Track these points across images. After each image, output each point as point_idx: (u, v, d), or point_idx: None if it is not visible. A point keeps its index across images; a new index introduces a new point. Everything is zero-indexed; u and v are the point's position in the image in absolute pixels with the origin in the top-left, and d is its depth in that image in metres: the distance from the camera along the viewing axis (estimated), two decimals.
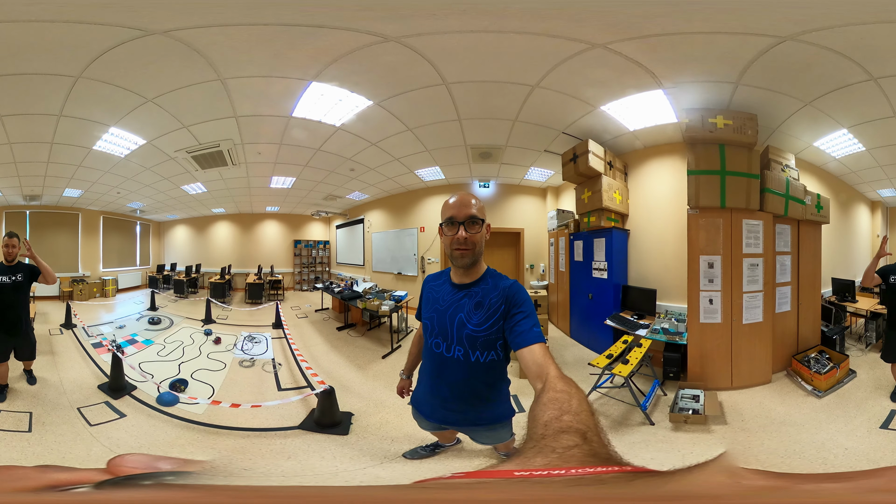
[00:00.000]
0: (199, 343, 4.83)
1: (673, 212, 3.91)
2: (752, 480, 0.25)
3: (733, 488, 0.24)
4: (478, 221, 1.18)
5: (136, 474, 0.30)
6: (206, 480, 0.31)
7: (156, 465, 0.32)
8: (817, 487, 0.26)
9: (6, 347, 2.94)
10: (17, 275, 2.87)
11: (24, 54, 2.58)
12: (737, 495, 0.24)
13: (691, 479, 0.25)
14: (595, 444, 0.40)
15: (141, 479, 0.29)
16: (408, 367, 1.68)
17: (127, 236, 10.02)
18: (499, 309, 1.18)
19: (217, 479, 0.32)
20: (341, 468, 2.23)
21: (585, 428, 0.44)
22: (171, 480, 0.29)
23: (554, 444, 0.39)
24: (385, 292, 5.90)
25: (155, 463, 0.32)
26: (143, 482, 0.28)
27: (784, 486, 0.25)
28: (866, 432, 2.50)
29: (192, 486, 0.27)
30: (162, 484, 0.28)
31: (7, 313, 2.88)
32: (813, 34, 2.24)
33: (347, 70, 2.90)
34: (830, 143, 3.91)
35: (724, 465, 0.26)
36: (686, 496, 0.23)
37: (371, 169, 5.62)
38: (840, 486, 0.26)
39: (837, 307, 4.38)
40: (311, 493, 0.24)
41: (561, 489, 0.26)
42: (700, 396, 2.89)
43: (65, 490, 0.26)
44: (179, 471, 0.31)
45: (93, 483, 0.27)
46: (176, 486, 0.28)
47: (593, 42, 2.49)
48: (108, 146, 4.41)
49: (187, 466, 0.32)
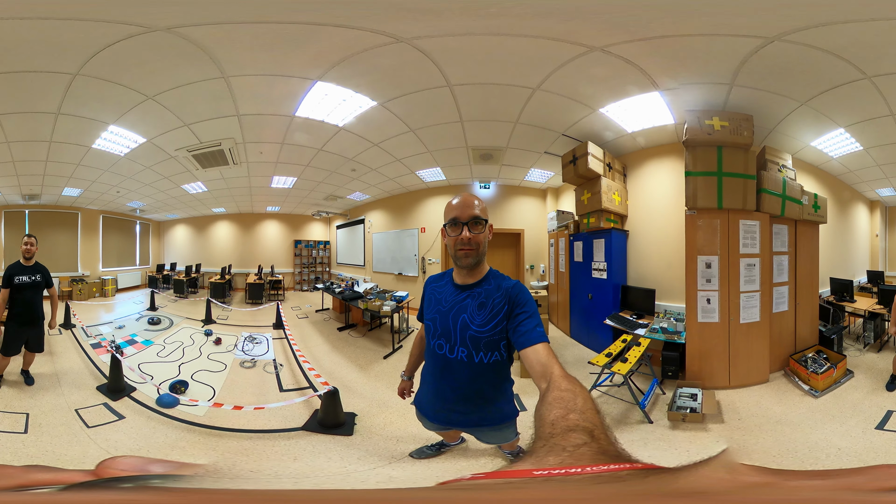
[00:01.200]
0: (199, 344, 4.82)
1: (671, 212, 3.93)
2: (747, 476, 0.26)
3: (732, 484, 0.25)
4: (481, 222, 1.19)
5: (119, 477, 0.29)
6: (198, 484, 0.30)
7: (147, 468, 0.31)
8: (801, 484, 0.26)
9: (21, 339, 3.20)
10: (36, 275, 3.21)
11: (20, 51, 2.56)
12: (734, 491, 0.25)
13: (697, 475, 0.26)
14: (603, 442, 0.40)
15: (123, 481, 0.28)
16: (409, 369, 1.68)
17: (126, 236, 10.00)
18: (502, 309, 1.18)
19: (212, 482, 0.31)
20: (351, 469, 2.23)
21: (592, 426, 0.45)
22: (157, 483, 0.28)
23: (563, 443, 0.39)
24: (386, 293, 5.91)
25: (146, 466, 0.31)
26: (122, 485, 0.28)
27: (773, 483, 0.26)
28: (861, 433, 2.50)
29: (171, 490, 0.26)
30: (142, 487, 0.27)
31: (28, 309, 3.17)
32: (800, 34, 2.25)
33: (353, 70, 2.90)
34: (828, 143, 3.92)
35: (725, 462, 0.27)
36: (694, 492, 0.24)
37: (372, 169, 5.62)
38: (822, 483, 0.26)
39: (835, 307, 4.39)
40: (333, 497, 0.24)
41: (585, 487, 0.26)
42: (698, 395, 2.92)
43: (39, 490, 0.26)
44: (171, 474, 0.30)
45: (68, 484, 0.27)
46: (154, 489, 0.27)
47: (591, 45, 2.50)
48: (107, 144, 4.40)
49: (183, 470, 0.31)
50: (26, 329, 3.19)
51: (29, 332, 3.22)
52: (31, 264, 3.20)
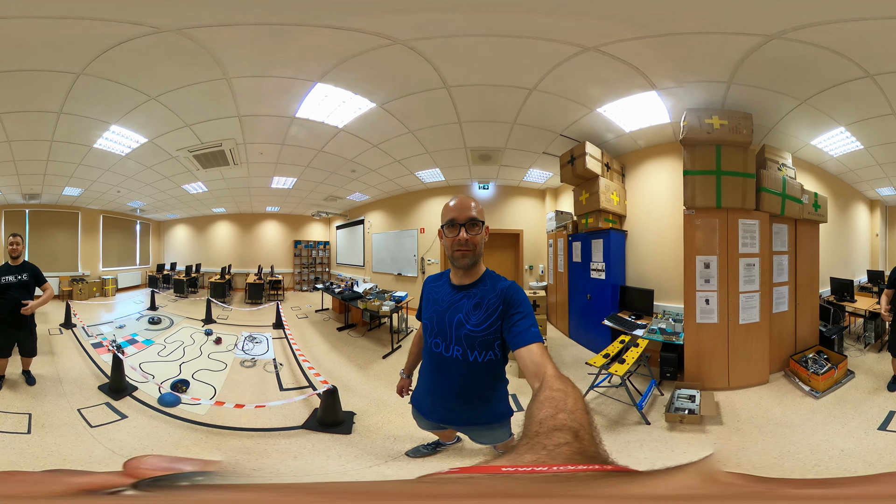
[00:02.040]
0: (199, 343, 4.84)
1: (670, 212, 3.92)
2: (727, 485, 0.25)
3: (697, 492, 0.24)
4: (478, 223, 1.21)
5: (160, 476, 0.29)
6: (233, 480, 0.30)
7: (177, 466, 0.31)
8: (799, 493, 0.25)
9: (11, 342, 3.11)
10: (22, 274, 3.07)
11: (25, 50, 2.56)
12: (696, 499, 0.23)
13: (661, 481, 0.24)
14: (586, 443, 0.41)
15: (167, 480, 0.28)
16: (408, 367, 1.70)
17: (127, 235, 10.03)
18: (497, 309, 1.20)
19: (238, 479, 0.31)
20: (348, 467, 2.24)
21: (579, 426, 0.45)
22: (202, 481, 0.29)
23: (546, 442, 0.39)
24: (385, 293, 5.92)
25: (175, 465, 0.31)
26: (179, 482, 0.28)
27: (763, 492, 0.25)
28: (864, 434, 2.48)
29: (239, 487, 0.26)
30: (203, 485, 0.27)
31: (15, 310, 3.00)
32: (800, 32, 2.24)
33: (352, 72, 2.91)
34: (828, 142, 3.90)
35: (703, 469, 0.26)
36: (644, 497, 0.23)
37: (372, 170, 5.63)
38: (824, 493, 0.25)
39: (836, 307, 4.38)
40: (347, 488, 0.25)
41: (527, 485, 0.26)
42: (696, 396, 2.91)
43: (98, 494, 0.25)
44: (209, 471, 0.30)
45: (124, 486, 0.26)
46: (220, 486, 0.27)
47: (586, 45, 2.50)
48: (108, 144, 4.41)
49: (209, 467, 0.31)
50: (15, 331, 3.07)
51: (19, 334, 3.10)
52: (18, 263, 3.08)
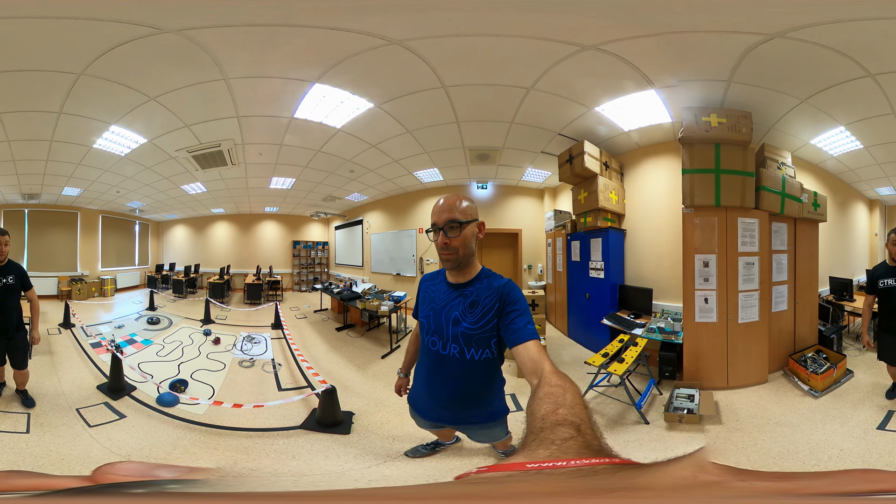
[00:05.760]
0: (198, 343, 4.83)
1: (669, 211, 3.92)
2: (710, 475, 0.27)
3: (689, 481, 0.26)
4: (456, 225, 1.19)
5: (126, 482, 0.28)
6: (218, 488, 0.29)
7: (154, 473, 0.31)
8: (750, 485, 0.27)
9: (1, 349, 2.80)
10: (8, 277, 2.75)
11: (25, 50, 2.56)
12: (687, 488, 0.26)
13: (662, 471, 0.27)
14: (588, 436, 0.42)
15: (132, 486, 0.28)
16: (405, 366, 1.70)
17: (126, 236, 10.02)
18: (493, 307, 1.20)
19: (224, 486, 0.31)
20: (347, 467, 2.23)
21: (579, 420, 0.46)
22: (174, 488, 0.28)
23: (552, 437, 0.41)
24: (384, 293, 5.92)
25: (153, 471, 0.31)
26: (133, 490, 0.27)
27: (722, 482, 0.27)
28: (862, 433, 2.47)
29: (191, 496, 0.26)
30: (159, 493, 0.27)
31: (2, 314, 2.73)
32: (802, 31, 2.24)
33: (350, 72, 2.92)
34: (828, 141, 3.90)
35: (695, 460, 0.28)
36: (650, 487, 0.25)
37: (370, 170, 5.63)
38: (772, 486, 0.27)
39: (835, 306, 4.38)
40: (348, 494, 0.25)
41: (568, 480, 0.28)
42: (695, 396, 2.91)
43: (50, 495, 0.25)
44: (186, 479, 0.30)
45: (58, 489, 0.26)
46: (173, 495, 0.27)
47: (584, 43, 2.50)
48: (108, 144, 4.41)
49: (194, 474, 0.31)
50: (6, 340, 2.76)
51: (6, 343, 2.76)
52: (3, 264, 2.74)
